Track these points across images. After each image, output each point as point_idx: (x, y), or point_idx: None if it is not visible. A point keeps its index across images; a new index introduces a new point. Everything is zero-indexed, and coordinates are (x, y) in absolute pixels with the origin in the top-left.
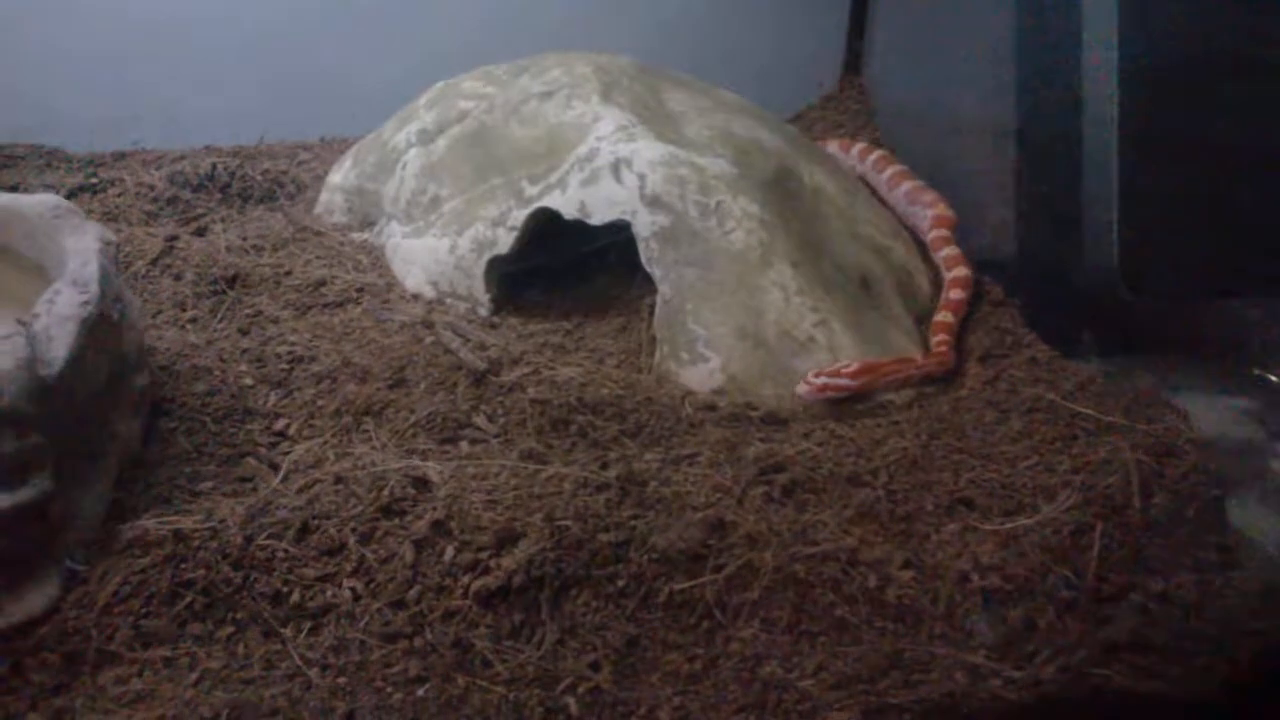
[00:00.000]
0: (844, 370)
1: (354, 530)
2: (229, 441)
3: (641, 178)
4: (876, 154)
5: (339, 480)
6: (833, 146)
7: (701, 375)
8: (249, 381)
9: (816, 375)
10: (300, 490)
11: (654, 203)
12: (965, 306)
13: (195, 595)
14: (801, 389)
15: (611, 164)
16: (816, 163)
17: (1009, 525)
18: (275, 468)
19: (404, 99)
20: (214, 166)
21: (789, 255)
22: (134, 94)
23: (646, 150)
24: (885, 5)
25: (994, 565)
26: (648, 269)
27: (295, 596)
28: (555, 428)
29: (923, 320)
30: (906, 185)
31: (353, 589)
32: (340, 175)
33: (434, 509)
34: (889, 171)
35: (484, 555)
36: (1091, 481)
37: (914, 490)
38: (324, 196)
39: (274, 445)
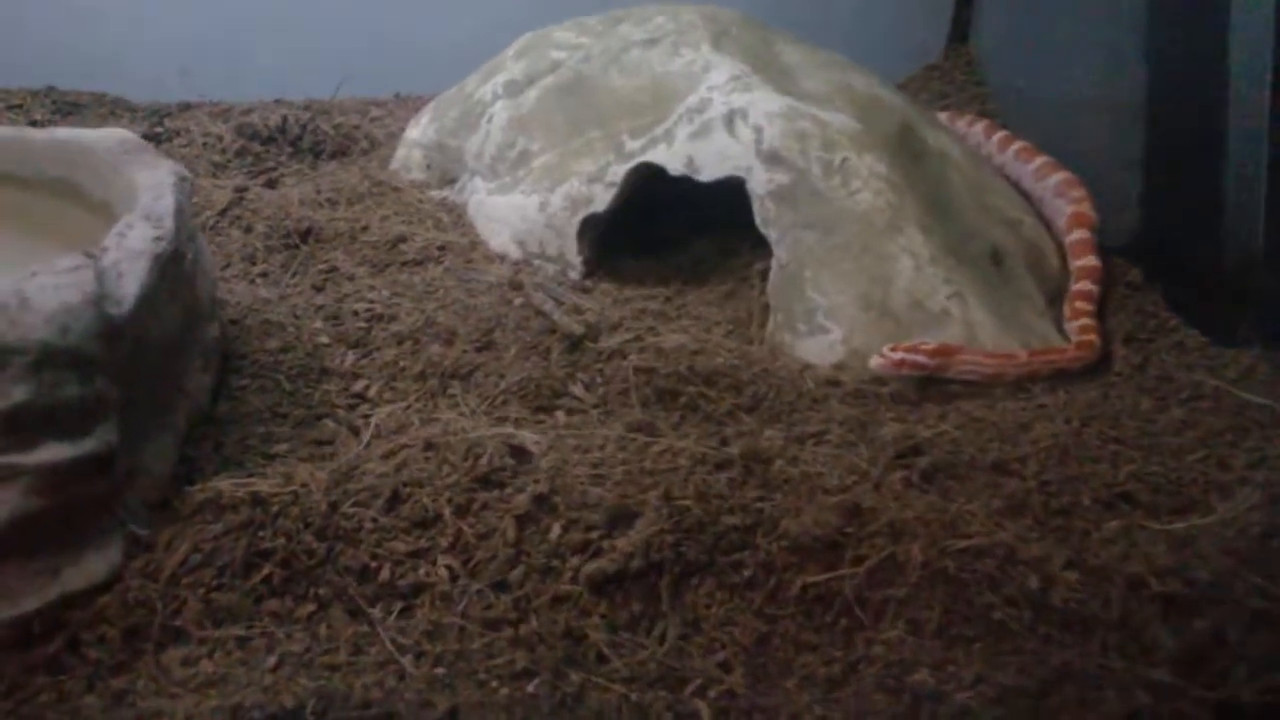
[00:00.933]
0: (922, 347)
1: (449, 501)
2: (304, 402)
3: (758, 131)
4: (1019, 144)
5: (429, 446)
6: (955, 121)
7: (821, 348)
8: (325, 340)
9: (894, 349)
10: (386, 456)
11: (772, 158)
12: (1097, 298)
13: (273, 567)
14: (875, 361)
15: (725, 115)
16: (937, 127)
17: (1182, 525)
18: (356, 431)
19: (481, 56)
20: (284, 119)
21: (919, 220)
22: (200, 43)
23: (764, 101)
24: None
25: (1171, 569)
26: (762, 231)
27: (385, 573)
28: (662, 399)
29: (1054, 301)
30: (1057, 177)
31: (449, 567)
32: (419, 130)
33: (536, 482)
34: (1037, 162)
35: (595, 535)
36: (1274, 479)
37: (1068, 482)
38: (401, 152)
39: (353, 408)
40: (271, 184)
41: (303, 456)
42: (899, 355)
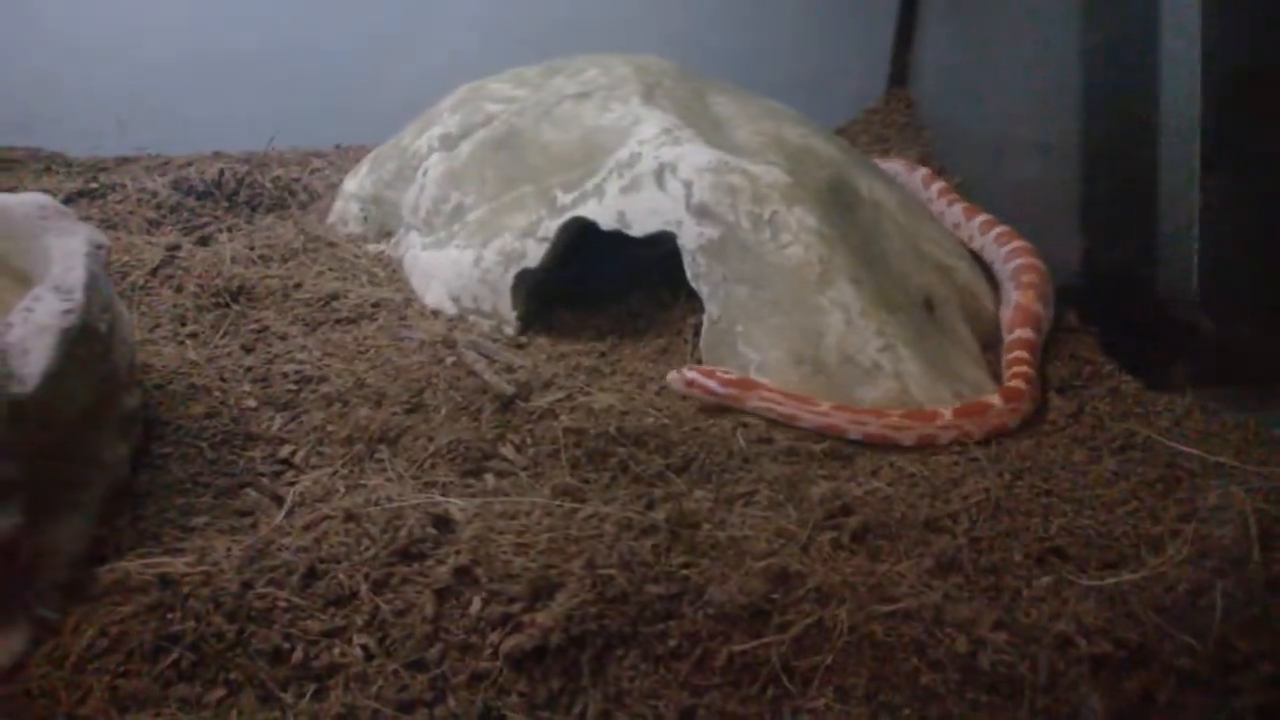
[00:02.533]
0: (719, 375)
1: (367, 577)
2: (228, 470)
3: (688, 185)
4: (964, 204)
5: (350, 517)
6: (895, 165)
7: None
8: (252, 403)
9: (690, 369)
10: (306, 528)
11: (702, 212)
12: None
13: (183, 651)
14: (671, 375)
15: (655, 170)
16: (873, 175)
17: (1111, 580)
18: (279, 501)
19: (422, 106)
20: (221, 172)
21: (850, 272)
22: (138, 97)
23: (694, 155)
24: (935, 15)
25: (1100, 628)
26: (694, 285)
27: (298, 654)
28: (592, 460)
29: (988, 347)
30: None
31: (364, 646)
32: (356, 183)
33: (458, 553)
34: (979, 219)
35: (516, 609)
36: (1204, 531)
37: (999, 538)
38: (338, 205)
39: (278, 475)
40: (205, 240)
41: (222, 529)
42: (692, 375)
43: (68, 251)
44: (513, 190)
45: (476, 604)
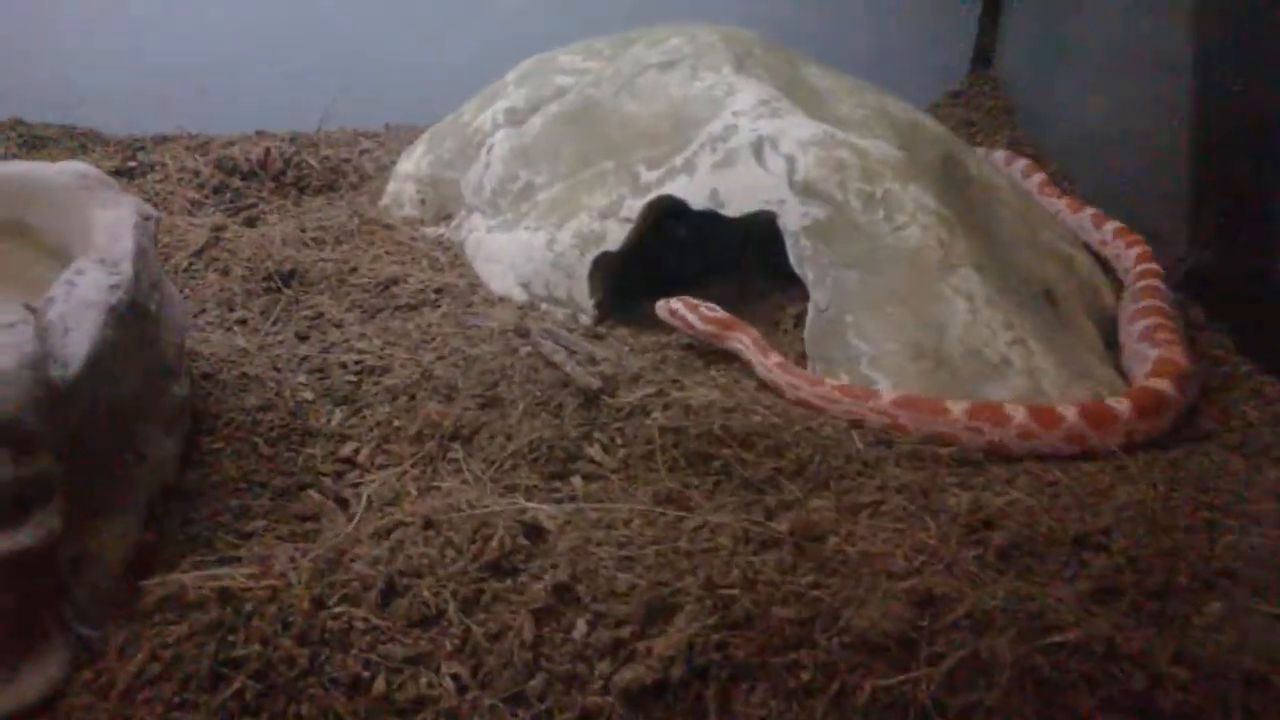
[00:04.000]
0: (703, 310)
1: (454, 594)
2: (285, 469)
3: (790, 160)
4: (1068, 198)
5: (429, 525)
6: (993, 156)
7: None
8: (309, 396)
9: (677, 300)
10: (379, 536)
11: (807, 190)
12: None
13: (246, 680)
14: (659, 304)
15: (753, 143)
16: (978, 156)
17: None
18: (344, 504)
19: (478, 83)
20: (267, 152)
21: (972, 257)
22: (179, 73)
23: (796, 128)
24: None
25: None
26: (797, 270)
27: (380, 684)
28: (693, 463)
29: (1111, 343)
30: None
31: (455, 676)
32: (412, 163)
33: (554, 567)
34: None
35: (626, 633)
36: None
37: (1160, 558)
38: (392, 186)
39: (341, 475)
40: (251, 222)
41: (282, 535)
42: (676, 305)
43: (113, 223)
44: (590, 167)
45: (581, 627)
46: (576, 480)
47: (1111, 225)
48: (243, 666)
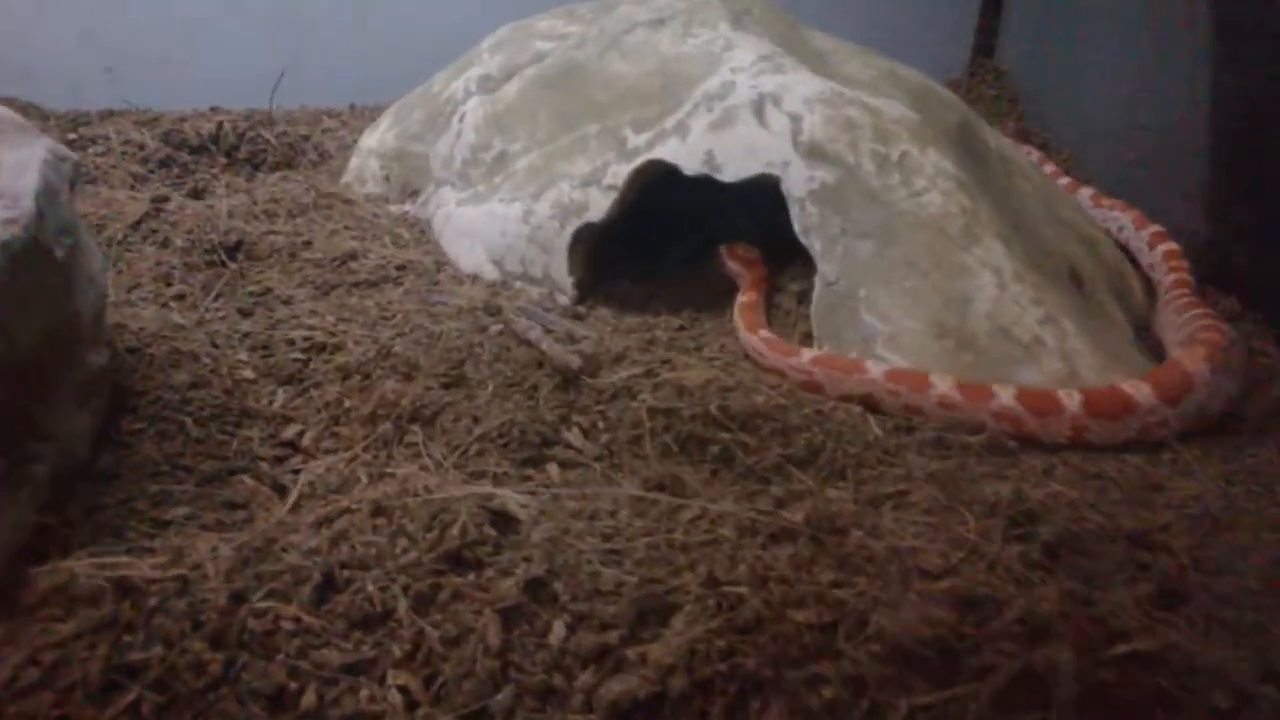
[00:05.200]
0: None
1: (406, 590)
2: (216, 452)
3: (795, 119)
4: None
5: (379, 511)
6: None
7: None
8: (249, 374)
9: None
10: (320, 525)
11: (813, 152)
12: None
13: (144, 690)
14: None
15: (753, 101)
16: (993, 130)
17: None
18: (282, 491)
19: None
20: (220, 125)
21: (996, 228)
22: (131, 45)
23: (801, 84)
24: None
25: None
26: (803, 240)
27: (309, 698)
28: (686, 449)
29: (1140, 332)
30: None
31: (404, 688)
32: (376, 137)
33: (527, 560)
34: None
35: (614, 638)
36: None
37: (1228, 558)
38: (354, 162)
39: (281, 460)
40: (198, 194)
41: (207, 524)
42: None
43: (20, 160)
44: (571, 132)
45: (559, 630)
46: (553, 468)
47: (1130, 215)
48: (141, 673)
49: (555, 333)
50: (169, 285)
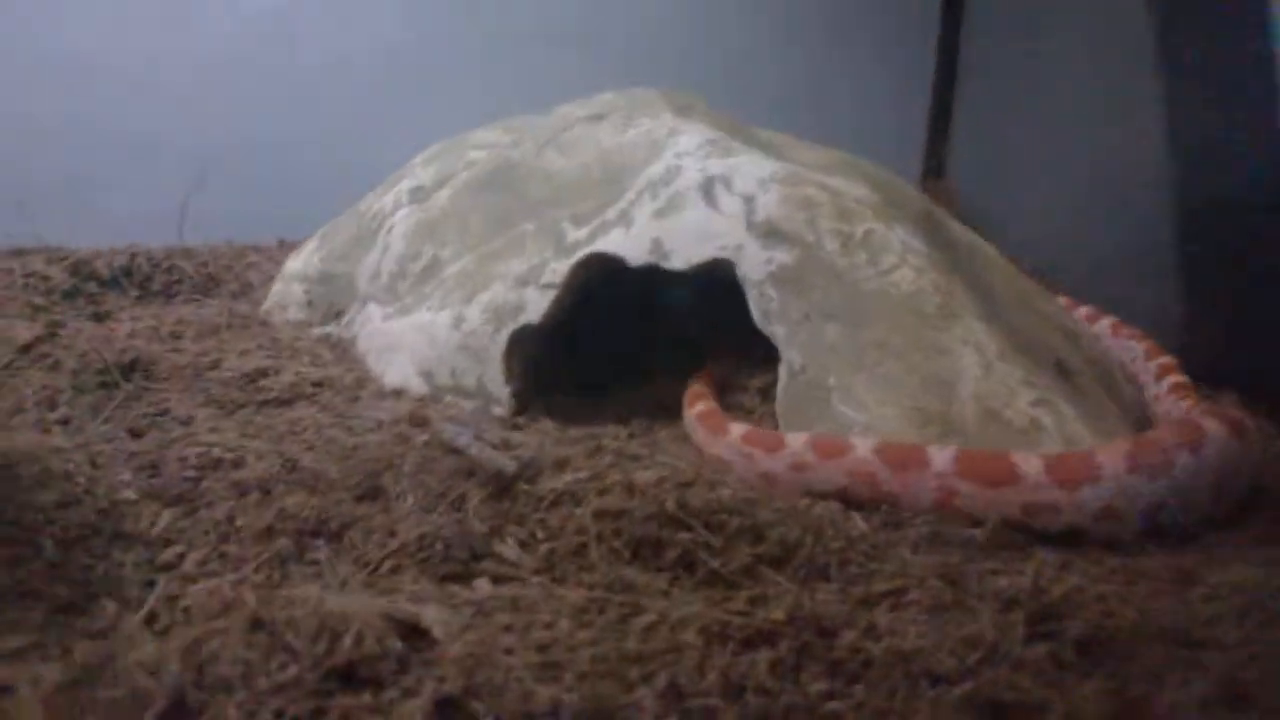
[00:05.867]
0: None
1: (278, 715)
2: (77, 577)
3: (748, 200)
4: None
5: (257, 625)
6: None
7: None
8: (130, 495)
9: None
10: (182, 644)
11: (770, 233)
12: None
13: None
14: None
15: (701, 184)
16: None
17: None
18: (152, 619)
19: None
20: (133, 257)
21: (975, 309)
22: (39, 180)
23: (752, 165)
24: (970, 99)
25: None
26: (763, 328)
27: None
28: (640, 554)
29: (1137, 425)
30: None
31: None
32: (300, 261)
33: (441, 679)
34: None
35: None
36: None
37: None
38: (277, 288)
39: (154, 586)
40: (99, 319)
41: (52, 655)
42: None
43: None
44: (506, 232)
45: None
46: (482, 584)
47: (1107, 321)
48: None
49: (486, 438)
50: (53, 410)
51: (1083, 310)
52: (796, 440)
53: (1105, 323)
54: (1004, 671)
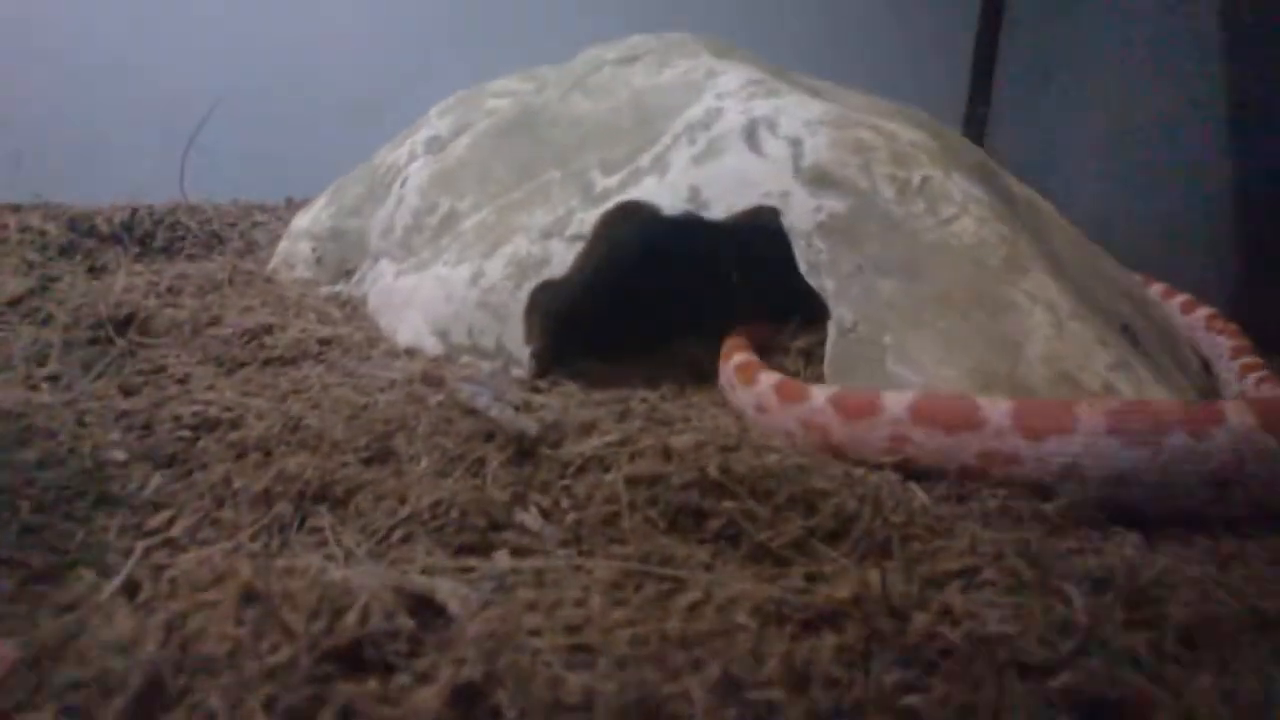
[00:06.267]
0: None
1: (269, 703)
2: (55, 543)
3: (795, 143)
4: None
5: (249, 597)
6: None
7: None
8: (119, 455)
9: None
10: (165, 618)
11: (819, 179)
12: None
13: None
14: None
15: (744, 126)
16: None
17: None
18: (134, 589)
19: None
20: (134, 212)
21: (1043, 262)
22: (38, 135)
23: (799, 106)
24: (1017, 54)
25: None
26: (811, 282)
27: None
28: (679, 525)
29: (1206, 397)
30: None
31: None
32: (309, 218)
33: (459, 661)
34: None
35: None
36: None
37: None
38: (283, 246)
39: (142, 554)
40: (94, 272)
41: (15, 629)
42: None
43: None
44: (529, 180)
45: None
46: (501, 556)
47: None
48: None
49: (506, 399)
50: (42, 365)
51: (1179, 300)
52: (768, 380)
53: (1201, 313)
54: (1102, 663)
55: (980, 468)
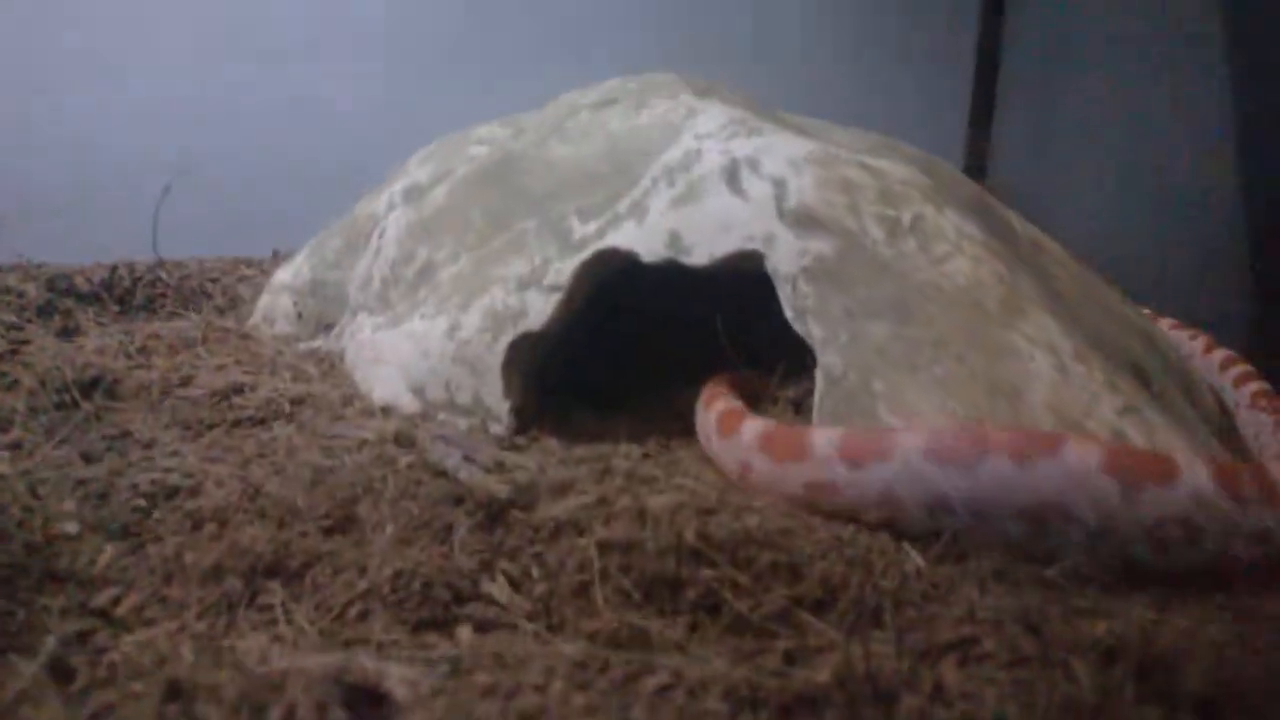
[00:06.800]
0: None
1: None
2: None
3: (779, 184)
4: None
5: (175, 693)
6: None
7: None
8: (70, 527)
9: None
10: (93, 710)
11: (804, 220)
12: None
13: None
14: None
15: (725, 167)
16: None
17: None
18: (68, 677)
19: None
20: (113, 270)
21: (1043, 302)
22: (23, 196)
23: (783, 145)
24: (1019, 92)
25: None
26: (798, 328)
27: None
28: (653, 596)
29: (1223, 435)
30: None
31: None
32: (290, 272)
33: None
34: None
35: None
36: None
37: None
38: (264, 300)
39: (84, 636)
40: (67, 333)
41: None
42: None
43: None
44: (505, 230)
45: None
46: (464, 632)
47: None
48: None
49: (479, 460)
50: (5, 432)
51: (1199, 341)
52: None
53: (1218, 356)
54: None
55: (807, 500)
